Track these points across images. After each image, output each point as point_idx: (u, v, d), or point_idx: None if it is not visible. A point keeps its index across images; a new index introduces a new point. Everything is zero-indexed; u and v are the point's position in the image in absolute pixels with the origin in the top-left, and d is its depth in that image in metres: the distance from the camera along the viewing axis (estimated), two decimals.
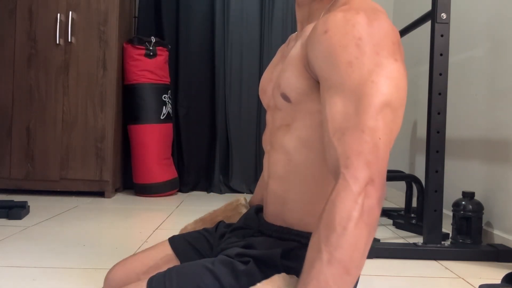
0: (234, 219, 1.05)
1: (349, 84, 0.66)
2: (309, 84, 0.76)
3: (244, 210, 1.06)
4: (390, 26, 0.70)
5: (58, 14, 3.02)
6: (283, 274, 0.69)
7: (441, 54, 1.90)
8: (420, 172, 2.84)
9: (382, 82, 0.65)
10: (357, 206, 0.60)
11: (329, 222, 0.61)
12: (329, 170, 0.68)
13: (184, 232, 1.09)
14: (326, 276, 0.60)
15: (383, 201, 0.64)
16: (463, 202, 1.99)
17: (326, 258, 0.60)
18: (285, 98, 0.80)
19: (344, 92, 0.66)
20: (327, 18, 0.72)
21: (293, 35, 0.96)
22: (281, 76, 0.81)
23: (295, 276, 0.68)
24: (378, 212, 0.63)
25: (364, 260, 0.63)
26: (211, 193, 3.51)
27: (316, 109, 0.76)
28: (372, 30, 0.68)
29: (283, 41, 3.53)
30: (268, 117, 0.91)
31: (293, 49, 0.81)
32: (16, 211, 2.30)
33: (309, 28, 0.80)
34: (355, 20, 0.69)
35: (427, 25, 2.03)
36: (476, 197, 2.03)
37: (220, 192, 3.51)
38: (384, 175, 0.63)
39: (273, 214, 0.86)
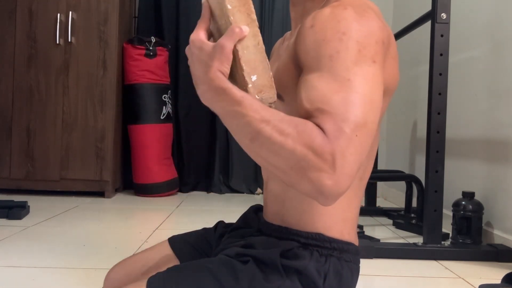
0: None
1: (328, 75, 0.66)
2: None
3: None
4: (378, 24, 0.70)
5: (58, 14, 3.02)
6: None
7: (441, 54, 1.90)
8: (420, 172, 2.84)
9: (358, 82, 0.65)
10: (306, 153, 0.59)
11: (296, 122, 0.62)
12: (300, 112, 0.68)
13: None
14: (251, 117, 0.62)
15: (313, 191, 0.60)
16: (463, 202, 1.99)
17: (267, 117, 0.62)
18: (279, 96, 0.80)
19: (322, 79, 0.66)
20: (315, 13, 0.72)
21: (288, 33, 0.96)
22: (275, 75, 0.81)
23: (274, 99, 0.69)
24: (301, 182, 0.60)
25: (258, 160, 0.64)
26: (211, 193, 3.51)
27: None
28: (357, 26, 0.68)
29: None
30: None
31: (286, 47, 0.82)
32: (16, 211, 2.30)
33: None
34: (341, 15, 0.69)
35: (427, 25, 2.03)
36: (476, 197, 2.03)
37: (220, 192, 3.51)
38: (346, 175, 0.60)
39: (272, 214, 0.86)
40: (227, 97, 0.63)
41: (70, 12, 3.03)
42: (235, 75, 0.67)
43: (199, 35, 0.67)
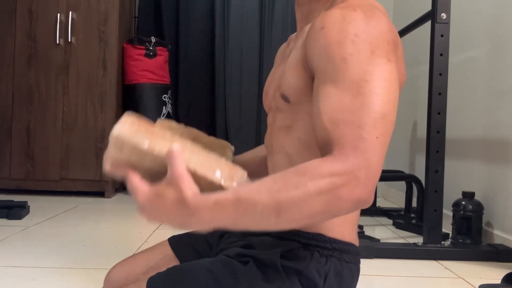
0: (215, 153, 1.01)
1: (343, 80, 0.66)
2: (309, 84, 0.76)
3: (230, 154, 1.04)
4: (387, 25, 0.70)
5: (58, 14, 3.02)
6: (245, 173, 0.67)
7: (441, 54, 1.90)
8: (420, 172, 2.83)
9: (375, 83, 0.65)
10: (329, 182, 0.58)
11: (301, 172, 0.60)
12: (319, 148, 0.67)
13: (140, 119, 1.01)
14: (261, 199, 0.58)
15: (358, 205, 0.60)
16: (463, 202, 1.99)
17: (273, 189, 0.59)
18: (285, 98, 0.80)
19: (338, 86, 0.66)
20: (324, 15, 0.72)
21: (293, 35, 0.96)
22: (282, 77, 0.81)
23: (246, 176, 0.67)
24: (344, 206, 0.59)
25: (296, 224, 0.60)
26: None
27: None
28: (368, 28, 0.68)
29: (283, 41, 3.51)
30: (269, 119, 0.91)
31: (293, 49, 0.81)
32: (16, 211, 2.30)
33: (308, 27, 0.80)
34: (351, 17, 0.69)
35: (427, 25, 2.03)
36: (476, 197, 2.03)
37: None
38: (372, 179, 0.60)
39: None
40: (223, 206, 0.59)
41: (70, 12, 3.03)
42: (202, 188, 0.62)
43: (144, 189, 0.63)
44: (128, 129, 0.64)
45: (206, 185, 0.63)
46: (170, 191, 0.60)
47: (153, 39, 3.25)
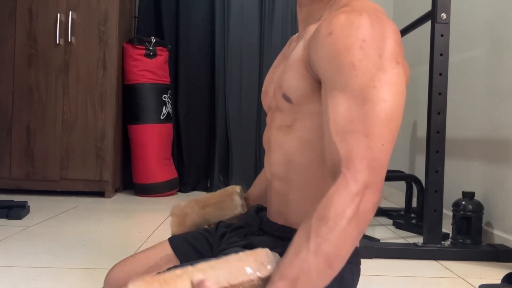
0: (226, 206, 1.06)
1: (352, 88, 0.67)
2: (310, 85, 0.76)
3: (237, 199, 1.07)
4: (393, 27, 0.71)
5: (58, 14, 3.02)
6: (266, 250, 0.69)
7: (441, 54, 1.90)
8: (420, 172, 2.84)
9: (384, 88, 0.66)
10: (353, 206, 0.62)
11: (323, 215, 0.62)
12: (328, 168, 0.69)
13: (177, 210, 1.10)
14: (309, 265, 0.61)
15: (377, 207, 0.65)
16: (463, 202, 1.99)
17: (313, 248, 0.61)
18: (286, 98, 0.80)
19: (347, 95, 0.67)
20: (330, 20, 0.72)
21: (294, 36, 0.96)
22: (283, 77, 0.81)
23: (278, 255, 0.68)
24: (371, 216, 0.64)
25: (347, 258, 0.64)
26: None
27: (317, 111, 0.76)
28: (375, 32, 0.69)
29: (283, 41, 3.53)
30: (268, 118, 0.91)
31: (294, 50, 0.81)
32: (16, 211, 2.30)
33: (310, 29, 0.80)
34: (358, 22, 0.69)
35: (427, 25, 2.03)
36: (476, 197, 2.03)
37: None
38: (382, 182, 0.65)
39: (276, 213, 0.87)
40: None
41: (70, 12, 3.03)
42: None
43: None
44: None
45: None
46: None
47: (153, 39, 3.25)
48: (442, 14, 1.88)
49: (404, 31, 2.34)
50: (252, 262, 0.66)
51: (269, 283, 0.62)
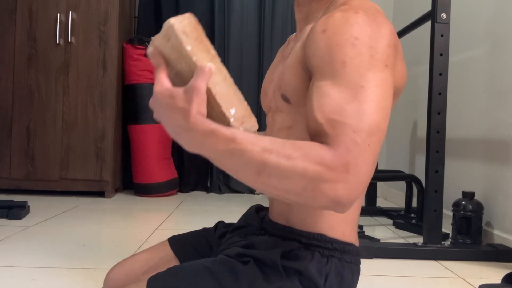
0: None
1: (340, 83, 0.66)
2: (308, 86, 0.76)
3: None
4: (388, 28, 0.70)
5: (58, 14, 3.02)
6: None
7: (441, 54, 1.90)
8: (420, 172, 2.84)
9: (371, 89, 0.65)
10: (318, 170, 0.59)
11: (297, 145, 0.61)
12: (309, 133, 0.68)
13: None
14: (251, 150, 0.59)
15: (327, 206, 0.60)
16: (463, 202, 1.99)
17: (267, 147, 0.60)
18: (285, 99, 0.80)
19: (335, 87, 0.66)
20: (326, 17, 0.71)
21: (293, 36, 0.96)
22: (281, 77, 0.81)
23: (255, 129, 0.68)
24: (318, 200, 0.60)
25: (265, 190, 0.62)
26: (211, 193, 3.51)
27: None
28: (369, 31, 0.68)
29: (283, 41, 3.53)
30: (269, 119, 0.91)
31: (292, 50, 0.81)
32: (16, 211, 2.30)
33: (308, 28, 0.80)
34: (353, 19, 0.69)
35: (427, 25, 2.03)
36: (476, 197, 2.03)
37: (220, 192, 3.51)
38: (359, 183, 0.61)
39: (277, 213, 0.87)
40: (217, 138, 0.60)
41: (70, 12, 3.03)
42: (212, 114, 0.64)
43: (163, 84, 0.63)
44: (184, 25, 0.65)
45: (216, 114, 0.64)
46: (181, 99, 0.60)
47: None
48: (442, 14, 1.88)
49: (404, 31, 2.33)
50: (240, 113, 0.65)
51: (223, 126, 0.61)
